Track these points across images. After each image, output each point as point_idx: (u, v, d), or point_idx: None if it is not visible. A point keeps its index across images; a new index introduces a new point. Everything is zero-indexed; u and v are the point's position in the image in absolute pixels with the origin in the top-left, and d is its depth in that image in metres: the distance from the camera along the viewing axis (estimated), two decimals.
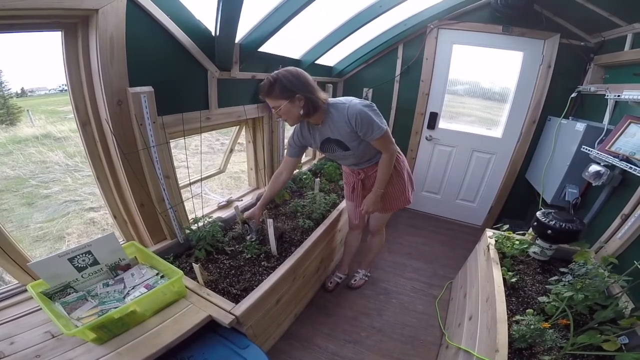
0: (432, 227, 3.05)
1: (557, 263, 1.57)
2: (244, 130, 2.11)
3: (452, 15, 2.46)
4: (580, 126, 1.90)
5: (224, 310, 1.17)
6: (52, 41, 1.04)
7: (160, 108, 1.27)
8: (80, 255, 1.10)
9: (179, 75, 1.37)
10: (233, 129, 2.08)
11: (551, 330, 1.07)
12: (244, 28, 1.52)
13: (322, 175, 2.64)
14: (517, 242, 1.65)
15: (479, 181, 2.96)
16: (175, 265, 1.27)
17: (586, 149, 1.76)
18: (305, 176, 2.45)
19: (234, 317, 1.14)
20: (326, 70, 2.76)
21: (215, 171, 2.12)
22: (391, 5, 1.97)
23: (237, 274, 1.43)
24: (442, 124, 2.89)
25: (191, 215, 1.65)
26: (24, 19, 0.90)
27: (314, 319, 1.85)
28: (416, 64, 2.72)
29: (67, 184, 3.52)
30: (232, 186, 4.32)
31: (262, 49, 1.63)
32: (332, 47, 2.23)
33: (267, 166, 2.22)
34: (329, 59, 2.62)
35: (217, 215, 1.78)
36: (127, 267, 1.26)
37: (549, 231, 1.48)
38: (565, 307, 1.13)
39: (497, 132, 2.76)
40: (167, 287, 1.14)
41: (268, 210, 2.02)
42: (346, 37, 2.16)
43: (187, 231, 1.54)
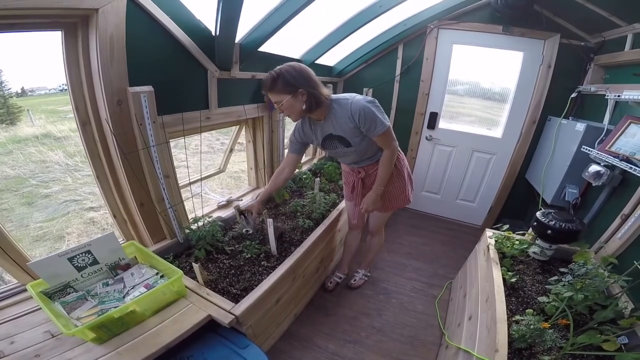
0: (432, 227, 3.05)
1: (557, 263, 1.57)
2: (244, 130, 2.11)
3: (452, 16, 2.47)
4: (580, 126, 1.90)
5: (224, 310, 1.17)
6: (52, 41, 1.04)
7: (160, 108, 1.27)
8: (80, 255, 1.10)
9: (179, 75, 1.37)
10: (233, 129, 2.08)
11: (551, 330, 1.07)
12: (244, 28, 1.52)
13: (322, 175, 2.64)
14: (517, 242, 1.65)
15: (479, 181, 2.96)
16: (175, 265, 1.27)
17: (586, 149, 1.76)
18: (305, 176, 2.45)
19: (233, 317, 1.14)
20: (326, 70, 2.76)
21: (215, 171, 2.12)
22: (391, 5, 1.97)
23: (237, 273, 1.43)
24: (442, 124, 2.89)
25: (191, 215, 1.65)
26: (24, 18, 0.90)
27: (314, 318, 1.85)
28: (416, 64, 2.72)
29: (67, 184, 3.52)
30: (232, 186, 4.32)
31: (262, 48, 1.63)
32: (332, 47, 2.23)
33: (267, 166, 2.22)
34: (329, 59, 2.61)
35: (217, 214, 1.78)
36: (127, 267, 1.26)
37: (549, 231, 1.49)
38: (565, 307, 1.13)
39: (497, 132, 2.76)
40: (167, 287, 1.14)
41: (268, 210, 2.02)
42: (346, 37, 2.16)
43: (187, 231, 1.54)
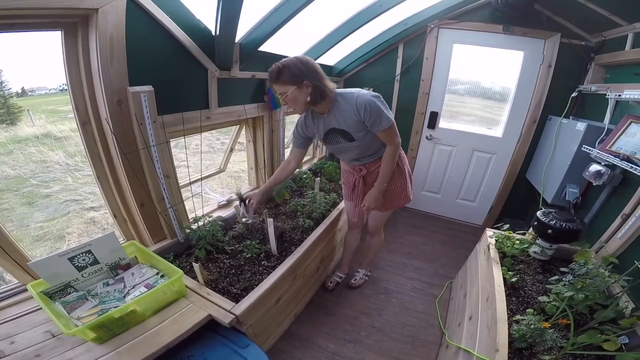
0: (432, 227, 3.04)
1: (558, 263, 1.57)
2: (244, 130, 2.11)
3: (453, 15, 2.46)
4: (580, 126, 1.90)
5: (224, 310, 1.17)
6: (52, 41, 1.04)
7: (161, 107, 1.27)
8: (81, 255, 1.10)
9: (179, 75, 1.37)
10: (233, 129, 2.08)
11: (551, 330, 1.07)
12: (244, 27, 1.52)
13: (322, 174, 2.64)
14: (518, 242, 1.64)
15: (479, 181, 2.96)
16: (176, 265, 1.27)
17: (587, 148, 1.76)
18: (305, 175, 2.45)
19: (234, 317, 1.14)
20: (326, 69, 2.76)
21: (216, 170, 2.12)
22: (391, 5, 1.97)
23: (237, 273, 1.43)
24: (443, 124, 2.89)
25: (191, 215, 1.65)
26: (24, 18, 0.91)
27: (314, 318, 1.85)
28: (416, 63, 2.71)
29: (67, 184, 3.52)
30: (232, 185, 4.32)
31: (262, 48, 1.63)
32: (332, 47, 2.23)
33: (267, 165, 2.22)
34: (329, 59, 2.61)
35: (217, 214, 1.79)
36: (127, 267, 1.26)
37: (550, 231, 1.48)
38: (565, 307, 1.13)
39: (498, 131, 2.76)
40: (167, 287, 1.14)
41: (268, 210, 2.02)
42: (346, 36, 2.16)
43: (187, 230, 1.54)
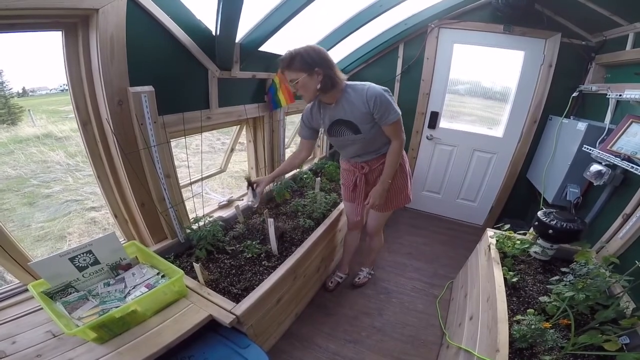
0: (432, 227, 3.04)
1: (558, 263, 1.56)
2: (245, 130, 2.11)
3: (453, 15, 2.46)
4: (581, 126, 1.90)
5: (225, 310, 1.17)
6: (53, 41, 1.04)
7: (161, 107, 1.27)
8: (81, 255, 1.11)
9: (179, 75, 1.37)
10: (234, 129, 2.08)
11: (552, 330, 1.07)
12: (244, 27, 1.52)
13: (322, 174, 2.64)
14: (518, 242, 1.64)
15: (479, 181, 2.95)
16: (176, 265, 1.27)
17: (587, 148, 1.76)
18: (305, 175, 2.46)
19: (234, 317, 1.14)
20: None
21: (216, 170, 2.12)
22: (391, 5, 1.97)
23: (238, 273, 1.43)
24: (443, 124, 2.89)
25: (192, 215, 1.65)
26: (24, 18, 0.91)
27: (315, 318, 1.85)
28: (417, 63, 2.71)
29: (68, 184, 3.53)
30: (232, 185, 4.32)
31: (263, 48, 1.63)
32: (332, 47, 2.22)
33: (268, 165, 2.22)
34: None
35: (217, 214, 1.79)
36: (128, 267, 1.26)
37: (550, 231, 1.48)
38: (566, 307, 1.13)
39: (498, 131, 2.76)
40: (168, 287, 1.14)
41: (269, 210, 2.02)
42: (346, 36, 2.16)
43: (188, 231, 1.54)
